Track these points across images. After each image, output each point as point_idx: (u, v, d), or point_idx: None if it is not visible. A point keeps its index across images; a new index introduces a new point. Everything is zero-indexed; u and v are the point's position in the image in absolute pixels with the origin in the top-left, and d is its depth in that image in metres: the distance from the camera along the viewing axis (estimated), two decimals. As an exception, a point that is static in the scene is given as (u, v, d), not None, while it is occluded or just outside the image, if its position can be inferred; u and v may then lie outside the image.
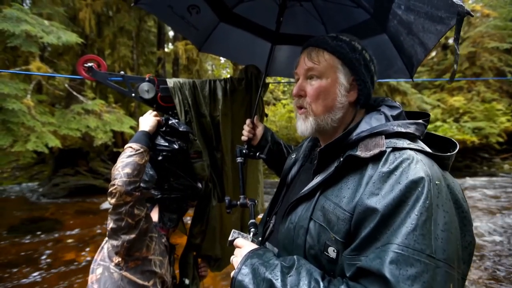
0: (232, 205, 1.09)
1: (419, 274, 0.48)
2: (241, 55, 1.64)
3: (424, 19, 0.84)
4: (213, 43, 1.51)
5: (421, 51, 0.98)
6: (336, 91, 0.74)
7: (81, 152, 7.21)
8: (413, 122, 0.67)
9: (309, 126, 0.77)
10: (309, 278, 0.58)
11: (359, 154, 0.62)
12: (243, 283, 0.64)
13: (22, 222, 5.12)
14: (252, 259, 0.68)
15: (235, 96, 1.48)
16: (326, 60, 0.75)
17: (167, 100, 1.34)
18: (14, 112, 4.26)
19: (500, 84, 12.28)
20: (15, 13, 4.26)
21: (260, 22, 1.46)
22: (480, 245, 4.21)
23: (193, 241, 1.46)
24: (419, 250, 0.49)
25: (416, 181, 0.54)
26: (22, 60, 5.40)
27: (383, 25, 1.10)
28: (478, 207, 6.00)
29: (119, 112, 6.19)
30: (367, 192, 0.58)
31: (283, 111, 12.98)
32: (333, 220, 0.61)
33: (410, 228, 0.50)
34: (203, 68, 9.06)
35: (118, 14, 7.34)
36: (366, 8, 1.14)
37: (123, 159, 1.07)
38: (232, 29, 1.47)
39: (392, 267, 0.49)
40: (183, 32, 1.45)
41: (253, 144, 1.25)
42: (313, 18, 1.35)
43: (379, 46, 1.15)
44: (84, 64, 1.27)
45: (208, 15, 1.36)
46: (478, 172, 10.21)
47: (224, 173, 1.53)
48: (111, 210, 1.03)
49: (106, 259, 1.07)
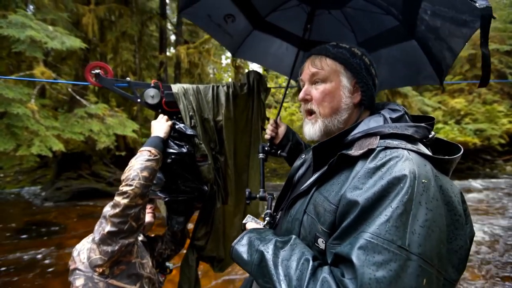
0: (252, 197, 1.14)
1: (385, 262, 0.50)
2: (271, 61, 1.73)
3: (450, 23, 0.85)
4: (246, 49, 1.61)
5: (450, 56, 0.99)
6: (340, 93, 0.79)
7: (84, 155, 7.24)
8: (413, 125, 0.69)
9: (317, 129, 0.80)
10: (300, 255, 0.62)
11: (350, 152, 0.65)
12: (238, 252, 0.71)
13: (25, 225, 5.13)
14: (251, 233, 0.75)
15: (237, 101, 1.51)
16: (329, 65, 0.80)
17: (171, 105, 1.37)
18: (18, 117, 4.30)
19: (501, 85, 12.29)
20: (20, 19, 4.32)
21: (291, 30, 1.54)
22: (482, 247, 4.19)
23: (196, 243, 1.48)
24: (389, 240, 0.51)
25: (399, 177, 0.55)
26: (26, 65, 5.45)
27: (411, 31, 1.11)
28: (480, 209, 5.97)
29: (121, 116, 6.23)
30: (351, 186, 0.60)
31: (284, 114, 13.02)
32: (321, 212, 0.65)
33: (384, 219, 0.53)
34: (205, 71, 9.11)
35: (121, 19, 7.43)
36: (395, 15, 1.15)
37: (141, 161, 1.07)
38: (264, 36, 1.57)
39: (359, 252, 0.52)
40: (219, 39, 1.55)
41: (275, 142, 1.31)
42: (342, 25, 1.40)
43: (409, 52, 1.16)
44: (91, 71, 1.30)
45: (242, 23, 1.46)
46: (480, 174, 10.18)
47: (228, 176, 1.55)
48: (119, 212, 0.99)
49: (87, 268, 1.00)
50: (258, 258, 0.65)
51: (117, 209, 1.00)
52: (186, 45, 8.35)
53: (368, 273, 0.49)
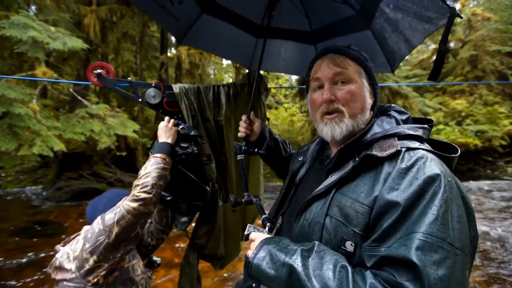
0: (237, 203, 1.10)
1: (443, 260, 0.51)
2: (224, 49, 1.55)
3: (412, 18, 0.87)
4: (194, 35, 1.42)
5: (406, 48, 1.02)
6: (364, 94, 0.80)
7: (85, 156, 7.27)
8: (421, 127, 0.72)
9: (344, 129, 0.77)
10: (335, 262, 0.59)
11: (376, 153, 0.66)
12: (260, 267, 0.64)
13: (26, 225, 5.15)
14: (269, 245, 0.68)
15: (238, 101, 1.52)
16: (351, 66, 0.80)
17: (172, 105, 1.38)
18: (20, 117, 4.33)
19: (502, 87, 12.27)
20: (22, 19, 4.35)
21: (245, 15, 1.40)
22: (483, 247, 4.18)
23: (197, 242, 1.48)
24: (441, 238, 0.52)
25: (433, 176, 0.58)
26: (28, 65, 5.48)
27: (367, 22, 1.12)
28: (482, 210, 5.96)
29: (122, 116, 6.26)
30: (387, 187, 0.61)
31: (285, 114, 13.03)
32: (352, 214, 0.63)
33: (432, 218, 0.54)
34: (206, 72, 9.14)
35: (122, 19, 7.45)
36: (352, 4, 1.16)
37: (158, 170, 1.06)
38: (215, 21, 1.40)
39: (418, 252, 0.52)
40: (162, 23, 1.37)
41: (251, 140, 1.26)
42: (299, 11, 1.34)
43: (363, 41, 1.19)
44: (94, 70, 1.31)
45: (190, 5, 1.29)
46: (482, 175, 10.15)
47: (228, 176, 1.56)
48: (131, 218, 0.96)
49: (78, 279, 0.95)
50: (286, 272, 0.60)
51: (129, 215, 0.97)
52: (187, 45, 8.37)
53: (431, 272, 0.50)
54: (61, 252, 1.02)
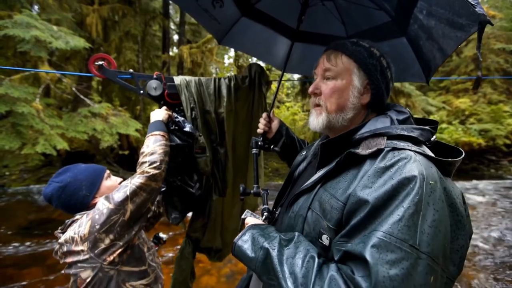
0: (246, 193, 1.13)
1: (398, 260, 0.51)
2: (259, 50, 1.66)
3: (444, 25, 0.85)
4: (233, 36, 1.54)
5: (440, 56, 0.99)
6: (349, 92, 0.79)
7: (88, 154, 7.31)
8: (419, 128, 0.70)
9: (320, 122, 0.82)
10: (306, 253, 0.62)
11: (358, 151, 0.66)
12: (242, 248, 0.71)
13: (30, 223, 5.19)
14: (254, 230, 0.74)
15: (239, 94, 1.52)
16: (343, 63, 0.80)
17: (173, 97, 1.38)
18: (23, 116, 4.35)
19: (507, 85, 12.14)
20: (25, 19, 4.37)
21: (281, 19, 1.48)
22: (486, 247, 4.16)
23: (193, 235, 1.50)
24: (401, 239, 0.52)
25: (409, 178, 0.57)
26: (31, 64, 5.51)
27: (403, 29, 1.11)
28: (485, 210, 5.91)
29: (124, 115, 6.28)
30: (361, 185, 0.61)
31: (287, 113, 12.99)
32: (327, 209, 0.66)
33: (396, 219, 0.54)
34: (208, 71, 9.13)
35: (124, 19, 7.47)
36: (388, 11, 1.15)
37: (162, 147, 1.10)
38: (252, 24, 1.50)
39: (373, 250, 0.52)
40: (205, 25, 1.46)
41: (268, 137, 1.30)
42: (334, 17, 1.37)
43: (398, 49, 1.17)
44: (95, 62, 1.31)
45: (230, 9, 1.39)
46: (485, 175, 10.06)
47: (227, 168, 1.56)
48: (146, 195, 1.00)
49: (94, 259, 0.97)
50: (263, 255, 0.66)
51: (142, 191, 1.00)
52: (189, 44, 8.38)
53: (382, 271, 0.50)
54: (64, 238, 1.02)
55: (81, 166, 1.16)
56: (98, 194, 1.11)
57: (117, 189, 1.03)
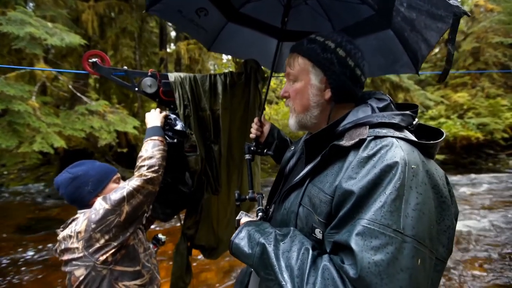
0: (241, 199, 1.15)
1: (382, 246, 0.52)
2: (249, 53, 1.67)
3: (425, 16, 0.86)
4: (221, 42, 1.57)
5: (425, 47, 1.01)
6: (308, 92, 0.81)
7: (86, 152, 7.28)
8: (399, 113, 0.71)
9: (293, 123, 0.86)
10: (300, 246, 0.64)
11: (342, 143, 0.67)
12: (239, 245, 0.72)
13: (28, 222, 5.19)
14: (249, 227, 0.76)
15: (234, 90, 1.51)
16: (299, 64, 0.82)
17: (169, 94, 1.37)
18: (20, 114, 4.31)
19: (504, 79, 12.15)
20: (19, 16, 4.30)
21: (267, 20, 1.50)
22: (485, 240, 4.19)
23: (187, 232, 1.50)
24: (385, 225, 0.53)
25: (391, 165, 0.57)
26: (27, 62, 5.45)
27: (388, 21, 1.12)
28: (483, 203, 5.95)
29: (122, 113, 6.23)
30: (345, 176, 0.62)
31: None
32: (317, 203, 0.67)
33: (379, 205, 0.55)
34: (206, 68, 9.07)
35: (121, 15, 7.38)
36: (371, 4, 1.17)
37: (160, 152, 1.12)
38: (239, 28, 1.52)
39: (357, 238, 0.54)
40: (193, 34, 1.49)
41: (260, 141, 1.30)
42: (319, 15, 1.38)
43: (385, 41, 1.18)
44: (89, 59, 1.30)
45: (216, 16, 1.41)
46: (483, 168, 10.12)
47: (221, 166, 1.55)
48: (142, 197, 1.03)
49: (87, 258, 0.99)
50: (259, 250, 0.66)
51: (139, 194, 1.02)
52: (187, 41, 8.29)
53: (367, 257, 0.51)
54: (62, 235, 1.05)
55: (96, 163, 1.20)
56: (102, 194, 1.13)
57: (114, 190, 1.06)
